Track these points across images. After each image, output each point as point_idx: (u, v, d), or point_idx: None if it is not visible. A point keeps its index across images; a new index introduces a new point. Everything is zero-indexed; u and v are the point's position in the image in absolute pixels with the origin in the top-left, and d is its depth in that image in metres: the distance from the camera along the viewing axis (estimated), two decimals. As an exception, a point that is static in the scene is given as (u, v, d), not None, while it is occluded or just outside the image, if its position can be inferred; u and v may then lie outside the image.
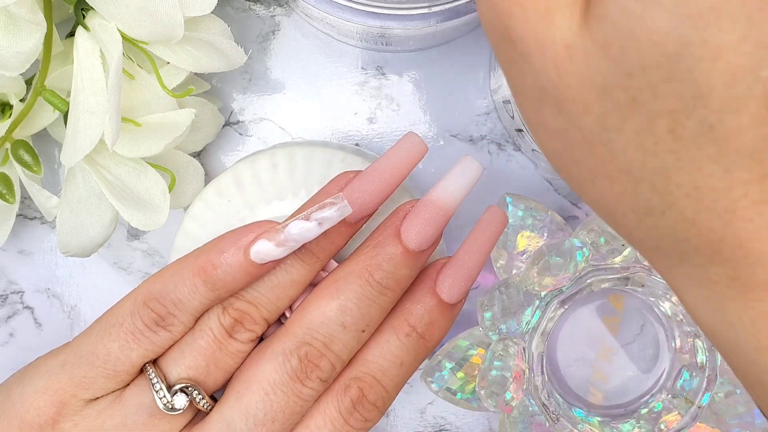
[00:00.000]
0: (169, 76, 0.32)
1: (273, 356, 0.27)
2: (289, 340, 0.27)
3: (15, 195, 0.33)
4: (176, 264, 0.28)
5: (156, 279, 0.27)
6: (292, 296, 0.28)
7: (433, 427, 0.38)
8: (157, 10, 0.28)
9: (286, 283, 0.28)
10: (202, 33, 0.31)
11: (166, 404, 0.27)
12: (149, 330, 0.27)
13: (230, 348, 0.27)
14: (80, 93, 0.29)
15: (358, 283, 0.27)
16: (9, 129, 0.31)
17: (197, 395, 0.27)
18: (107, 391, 0.27)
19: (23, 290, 0.37)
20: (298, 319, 0.27)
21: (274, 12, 0.37)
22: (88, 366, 0.27)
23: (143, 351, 0.27)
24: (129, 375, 0.27)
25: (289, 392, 0.27)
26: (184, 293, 0.27)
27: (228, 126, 0.37)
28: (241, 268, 0.27)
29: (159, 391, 0.27)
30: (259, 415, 0.27)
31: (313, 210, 0.26)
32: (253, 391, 0.27)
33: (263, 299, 0.28)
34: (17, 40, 0.29)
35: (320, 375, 0.27)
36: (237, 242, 0.27)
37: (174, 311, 0.27)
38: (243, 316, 0.27)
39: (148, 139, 0.30)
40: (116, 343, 0.27)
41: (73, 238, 0.32)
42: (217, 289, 0.27)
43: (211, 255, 0.27)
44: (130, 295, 0.28)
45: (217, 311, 0.28)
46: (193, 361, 0.27)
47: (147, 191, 0.31)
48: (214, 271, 0.27)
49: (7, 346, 0.37)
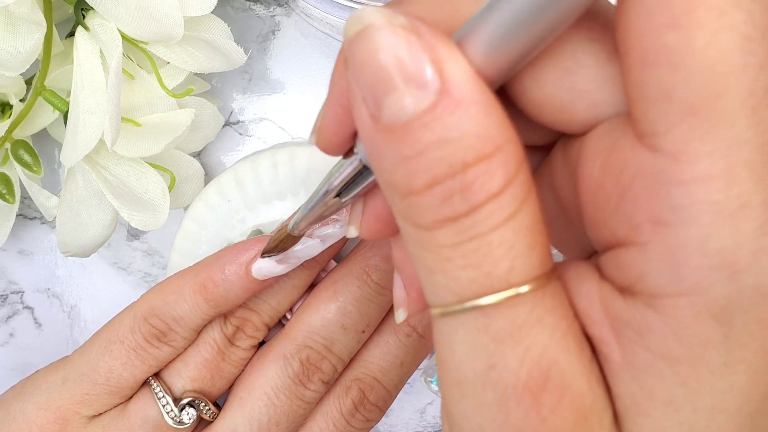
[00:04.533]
0: (169, 76, 0.32)
1: (274, 360, 0.27)
2: (290, 344, 0.27)
3: (15, 195, 0.33)
4: (176, 279, 0.27)
5: (156, 294, 0.27)
6: (292, 300, 0.28)
7: (433, 427, 0.38)
8: (157, 10, 0.28)
9: (287, 288, 0.28)
10: (202, 33, 0.31)
11: (173, 418, 0.27)
12: (151, 345, 0.27)
13: (232, 356, 0.28)
14: (80, 93, 0.29)
15: (356, 284, 0.27)
16: (9, 129, 0.31)
17: (204, 406, 0.27)
18: (110, 407, 0.27)
19: (23, 290, 0.37)
20: (298, 322, 0.27)
21: (274, 12, 0.37)
22: (91, 383, 0.27)
23: (146, 367, 0.27)
24: (132, 390, 0.27)
25: (291, 396, 0.27)
26: (185, 310, 0.27)
27: (228, 126, 0.37)
28: (242, 285, 0.27)
29: (166, 405, 0.27)
30: (263, 419, 0.27)
31: (316, 227, 0.26)
32: (256, 396, 0.27)
33: (264, 305, 0.28)
34: (17, 40, 0.29)
35: (322, 377, 0.27)
36: (238, 259, 0.27)
37: (175, 327, 0.27)
38: (244, 323, 0.28)
39: (148, 139, 0.30)
40: (118, 361, 0.27)
41: (73, 238, 0.32)
42: (219, 306, 0.27)
43: (212, 272, 0.27)
44: (130, 310, 0.28)
45: (219, 322, 0.28)
46: (198, 372, 0.27)
47: (147, 191, 0.31)
48: (215, 289, 0.27)
49: (7, 346, 0.37)
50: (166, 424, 0.27)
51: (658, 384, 0.14)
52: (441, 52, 0.13)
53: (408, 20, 0.14)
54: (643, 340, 0.14)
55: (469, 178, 0.13)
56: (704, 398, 0.14)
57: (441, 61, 0.13)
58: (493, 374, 0.14)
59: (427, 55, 0.13)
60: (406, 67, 0.13)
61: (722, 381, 0.14)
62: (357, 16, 0.14)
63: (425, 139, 0.13)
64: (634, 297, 0.14)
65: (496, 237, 0.14)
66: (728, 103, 0.12)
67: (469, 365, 0.15)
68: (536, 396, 0.14)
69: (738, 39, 0.12)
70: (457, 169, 0.13)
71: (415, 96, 0.13)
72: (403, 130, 0.13)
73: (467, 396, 0.15)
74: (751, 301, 0.13)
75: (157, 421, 0.27)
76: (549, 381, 0.14)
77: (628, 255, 0.14)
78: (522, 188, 0.14)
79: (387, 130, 0.14)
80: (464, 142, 0.13)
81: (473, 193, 0.14)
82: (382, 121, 0.14)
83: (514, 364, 0.14)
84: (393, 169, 0.14)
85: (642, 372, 0.14)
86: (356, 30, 0.14)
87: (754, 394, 0.14)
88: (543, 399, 0.14)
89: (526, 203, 0.14)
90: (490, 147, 0.13)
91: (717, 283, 0.13)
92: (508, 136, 0.14)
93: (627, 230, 0.14)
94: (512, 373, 0.14)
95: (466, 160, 0.13)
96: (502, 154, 0.14)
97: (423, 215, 0.14)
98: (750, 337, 0.13)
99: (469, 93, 0.13)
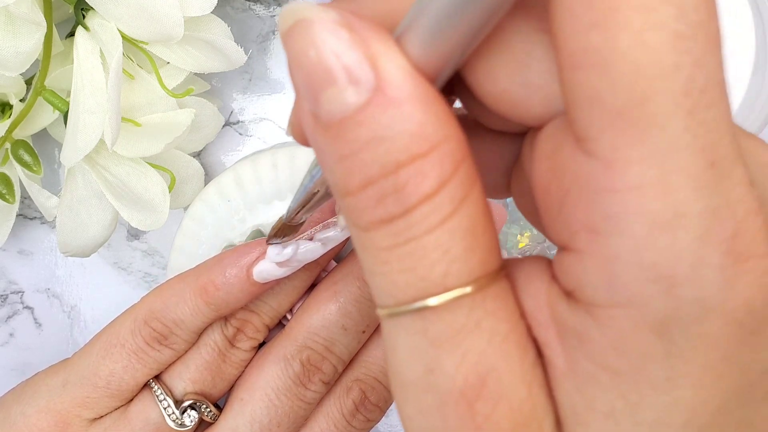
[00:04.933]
0: (169, 76, 0.32)
1: (275, 362, 0.27)
2: (291, 345, 0.27)
3: (15, 195, 0.33)
4: (177, 282, 0.27)
5: (156, 297, 0.27)
6: (292, 301, 0.28)
7: (434, 427, 0.38)
8: (157, 10, 0.28)
9: (288, 289, 0.28)
10: (202, 33, 0.31)
11: (175, 420, 0.27)
12: (152, 348, 0.27)
13: (233, 357, 0.28)
14: (80, 93, 0.29)
15: (356, 284, 0.27)
16: (9, 129, 0.31)
17: (205, 408, 0.27)
18: (111, 409, 0.27)
19: (23, 290, 0.37)
20: (298, 323, 0.27)
21: (274, 12, 0.37)
22: (91, 386, 0.27)
23: (147, 370, 0.27)
24: (133, 393, 0.27)
25: (292, 396, 0.27)
26: (186, 313, 0.27)
27: (228, 126, 0.37)
28: (243, 288, 0.26)
29: (167, 408, 0.27)
30: (264, 420, 0.27)
31: (317, 230, 0.26)
32: (257, 397, 0.27)
33: (265, 307, 0.28)
34: (17, 40, 0.28)
35: (323, 378, 0.27)
36: (238, 262, 0.27)
37: (176, 330, 0.27)
38: (244, 324, 0.27)
39: (148, 139, 0.30)
40: (119, 364, 0.27)
41: (73, 238, 0.32)
42: (220, 309, 0.27)
43: (213, 275, 0.27)
44: (130, 312, 0.28)
45: (219, 324, 0.28)
46: (198, 375, 0.27)
47: (147, 191, 0.31)
48: (216, 292, 0.26)
49: (7, 346, 0.37)
50: (167, 426, 0.27)
51: (599, 395, 0.13)
52: (375, 47, 0.13)
53: (340, 15, 0.13)
54: (584, 348, 0.13)
55: (402, 179, 0.13)
56: (646, 412, 0.13)
57: (375, 57, 0.13)
58: (432, 379, 0.14)
59: (361, 51, 0.13)
60: (340, 64, 0.13)
61: (666, 396, 0.13)
62: (288, 11, 0.13)
63: (360, 138, 0.13)
64: (576, 303, 0.14)
65: (431, 240, 0.13)
66: (659, 106, 0.12)
67: (410, 368, 0.14)
68: (471, 403, 0.14)
69: (668, 37, 0.11)
70: (390, 170, 0.13)
71: (349, 93, 0.13)
72: (339, 128, 0.13)
73: (409, 399, 0.14)
74: (692, 316, 0.12)
75: (159, 423, 0.27)
76: (485, 387, 0.14)
77: (569, 260, 0.14)
78: (461, 188, 0.13)
79: (325, 127, 0.13)
80: (397, 141, 0.13)
81: (406, 195, 0.13)
82: (320, 119, 0.13)
83: (451, 370, 0.14)
84: (332, 168, 0.14)
85: (583, 381, 0.14)
86: (287, 26, 0.13)
87: (702, 410, 0.13)
88: (478, 406, 0.14)
89: (466, 203, 0.13)
90: (425, 146, 0.13)
91: (654, 296, 0.12)
92: (446, 133, 0.13)
93: (567, 236, 0.13)
94: (449, 378, 0.14)
95: (399, 160, 0.13)
96: (438, 152, 0.13)
97: (360, 216, 0.14)
98: (694, 352, 0.13)
99: (405, 89, 0.13)
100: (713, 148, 0.12)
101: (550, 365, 0.14)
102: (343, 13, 0.13)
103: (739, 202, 0.12)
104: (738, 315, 0.12)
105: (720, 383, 0.13)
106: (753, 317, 0.13)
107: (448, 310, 0.13)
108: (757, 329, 0.13)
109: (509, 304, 0.14)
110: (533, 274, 0.15)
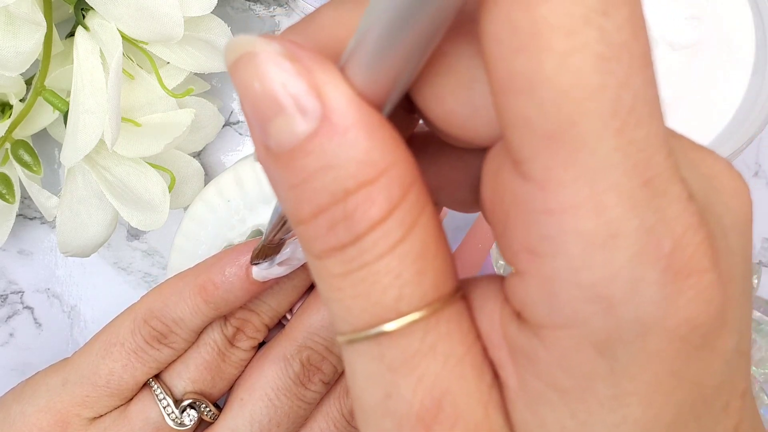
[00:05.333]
0: (169, 76, 0.32)
1: (275, 361, 0.27)
2: (291, 345, 0.27)
3: (15, 195, 0.33)
4: (176, 281, 0.27)
5: (156, 296, 0.27)
6: (292, 301, 0.28)
7: (433, 427, 0.38)
8: (157, 10, 0.28)
9: (287, 289, 0.28)
10: (202, 33, 0.31)
11: (174, 419, 0.27)
12: (151, 347, 0.27)
13: (233, 357, 0.28)
14: (80, 93, 0.29)
15: None
16: (9, 129, 0.31)
17: (204, 408, 0.27)
18: (110, 409, 0.27)
19: (23, 290, 0.37)
20: (298, 323, 0.27)
21: (274, 12, 0.37)
22: (91, 386, 0.27)
23: (147, 369, 0.27)
24: (132, 392, 0.27)
25: (292, 397, 0.27)
26: (185, 312, 0.27)
27: (228, 126, 0.37)
28: (242, 287, 0.26)
29: (167, 407, 0.27)
30: (264, 420, 0.27)
31: None
32: (257, 397, 0.27)
33: (264, 306, 0.28)
34: (17, 40, 0.29)
35: (322, 378, 0.27)
36: (238, 261, 0.27)
37: (175, 329, 0.27)
38: (244, 324, 0.28)
39: (148, 139, 0.30)
40: (119, 363, 0.27)
41: (73, 238, 0.32)
42: (219, 308, 0.27)
43: (212, 274, 0.27)
44: (130, 312, 0.28)
45: (219, 323, 0.28)
46: (198, 374, 0.27)
47: (147, 191, 0.31)
48: (215, 291, 0.26)
49: (7, 346, 0.37)
50: (166, 425, 0.27)
51: (550, 414, 0.14)
52: (319, 76, 0.13)
53: (283, 46, 0.13)
54: (533, 368, 0.14)
55: (351, 206, 0.13)
56: (596, 430, 0.13)
57: (319, 86, 0.13)
58: (390, 403, 0.14)
59: (305, 81, 0.13)
60: (286, 94, 0.13)
61: (614, 414, 0.13)
62: (232, 44, 0.13)
63: (309, 167, 0.13)
64: (525, 323, 0.14)
65: (383, 265, 0.13)
66: (587, 127, 0.12)
67: (369, 393, 0.14)
68: (429, 426, 0.14)
69: (592, 59, 0.11)
70: (339, 197, 0.13)
71: (296, 123, 0.13)
72: (289, 158, 0.13)
73: (370, 424, 0.15)
74: (633, 334, 0.12)
75: (158, 422, 0.27)
76: (441, 411, 0.14)
77: (514, 281, 0.14)
78: (410, 212, 0.13)
79: (274, 157, 0.13)
80: (345, 168, 0.13)
81: (356, 222, 0.13)
82: (270, 149, 0.13)
83: (407, 394, 0.14)
84: (284, 196, 0.14)
85: (534, 400, 0.14)
86: (233, 59, 0.13)
87: (654, 426, 0.13)
88: (435, 429, 0.14)
89: (416, 227, 0.13)
90: (372, 172, 0.13)
91: (594, 316, 0.12)
92: (393, 158, 0.13)
93: (511, 256, 0.14)
94: (406, 402, 0.14)
95: (347, 188, 0.13)
96: (386, 178, 0.13)
97: (312, 244, 0.14)
98: (639, 369, 0.13)
99: (349, 117, 0.13)
100: (646, 166, 0.12)
101: (505, 386, 0.14)
102: (287, 44, 0.13)
103: (676, 218, 0.12)
104: (681, 331, 0.12)
105: (670, 398, 0.13)
106: (697, 332, 0.13)
107: (403, 335, 0.14)
108: (704, 344, 0.13)
109: (464, 326, 0.14)
110: (488, 294, 0.15)
